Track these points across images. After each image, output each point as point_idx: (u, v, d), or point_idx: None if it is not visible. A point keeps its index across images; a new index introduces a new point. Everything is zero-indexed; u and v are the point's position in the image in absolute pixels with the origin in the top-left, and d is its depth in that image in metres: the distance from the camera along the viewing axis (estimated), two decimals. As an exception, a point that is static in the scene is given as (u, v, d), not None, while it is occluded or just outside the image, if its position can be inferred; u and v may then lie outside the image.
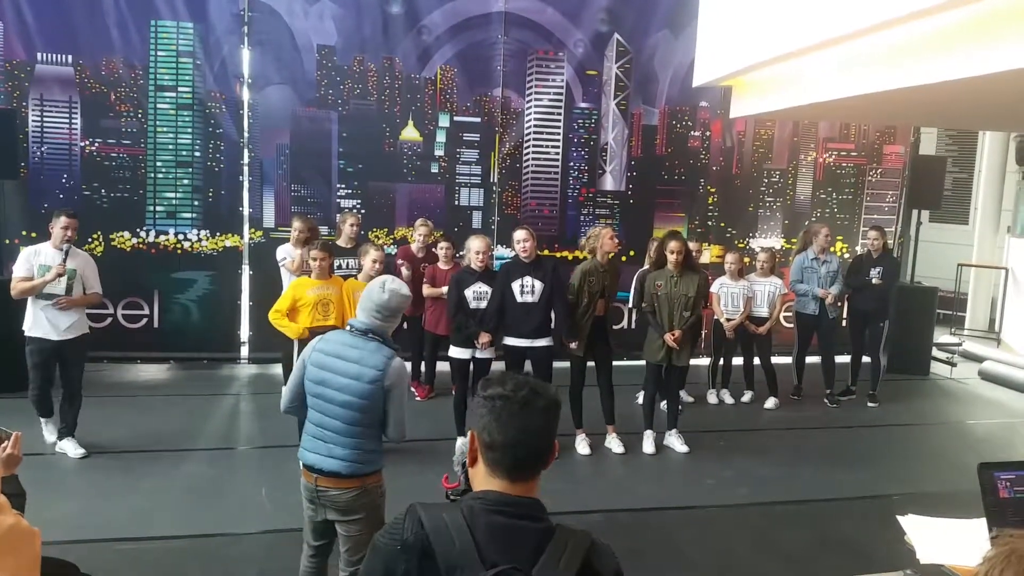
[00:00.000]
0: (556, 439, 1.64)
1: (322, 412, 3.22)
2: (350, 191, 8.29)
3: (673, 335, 6.05)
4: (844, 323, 8.21)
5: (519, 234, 6.03)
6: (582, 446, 6.17)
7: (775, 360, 7.70)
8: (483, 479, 1.62)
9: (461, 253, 6.63)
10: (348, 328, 3.30)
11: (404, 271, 6.96)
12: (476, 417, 1.63)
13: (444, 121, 8.43)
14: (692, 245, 6.99)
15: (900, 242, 9.68)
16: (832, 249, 8.28)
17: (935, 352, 9.52)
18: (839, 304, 7.87)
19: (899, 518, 2.72)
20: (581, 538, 1.58)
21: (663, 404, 6.58)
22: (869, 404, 7.83)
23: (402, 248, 7.56)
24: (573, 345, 6.01)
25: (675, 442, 6.37)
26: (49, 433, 5.75)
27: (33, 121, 7.59)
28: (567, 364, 6.21)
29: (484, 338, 5.85)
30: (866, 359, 7.99)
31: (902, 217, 9.70)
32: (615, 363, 6.36)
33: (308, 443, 3.27)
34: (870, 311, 7.82)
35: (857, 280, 7.78)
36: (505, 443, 1.58)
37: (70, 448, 5.67)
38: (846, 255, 9.08)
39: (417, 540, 1.51)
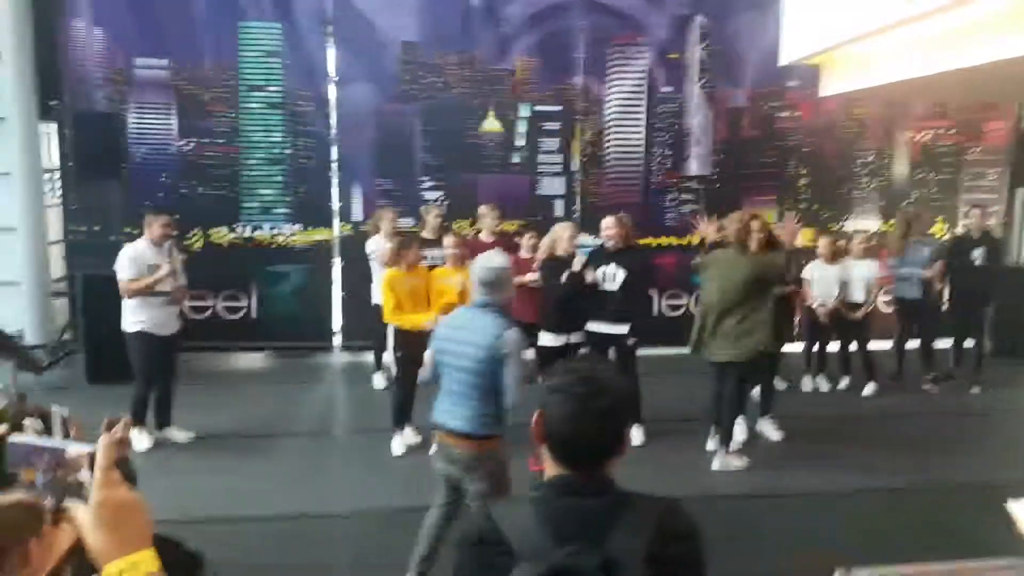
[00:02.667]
0: (624, 432, 1.65)
1: (448, 378, 3.62)
2: (433, 183, 8.39)
3: None
4: (946, 307, 7.87)
5: (606, 221, 6.02)
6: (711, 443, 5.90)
7: (874, 346, 7.45)
8: (550, 464, 1.65)
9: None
10: (476, 307, 3.67)
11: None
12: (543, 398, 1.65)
13: (524, 111, 8.45)
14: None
15: (1004, 222, 9.21)
16: (931, 231, 7.95)
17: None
18: (941, 286, 7.56)
19: (1009, 504, 2.61)
20: (653, 503, 1.59)
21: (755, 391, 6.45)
22: (972, 390, 7.50)
23: (470, 240, 7.34)
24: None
25: (768, 428, 6.24)
26: (139, 441, 5.63)
27: (133, 123, 7.95)
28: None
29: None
30: (969, 343, 7.66)
31: (1006, 196, 9.24)
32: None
33: (439, 403, 3.68)
34: (973, 293, 7.49)
35: (959, 261, 7.45)
36: (560, 436, 1.61)
37: (178, 434, 5.92)
38: (946, 236, 8.69)
39: (488, 533, 1.54)
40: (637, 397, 5.71)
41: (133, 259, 5.58)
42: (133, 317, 5.64)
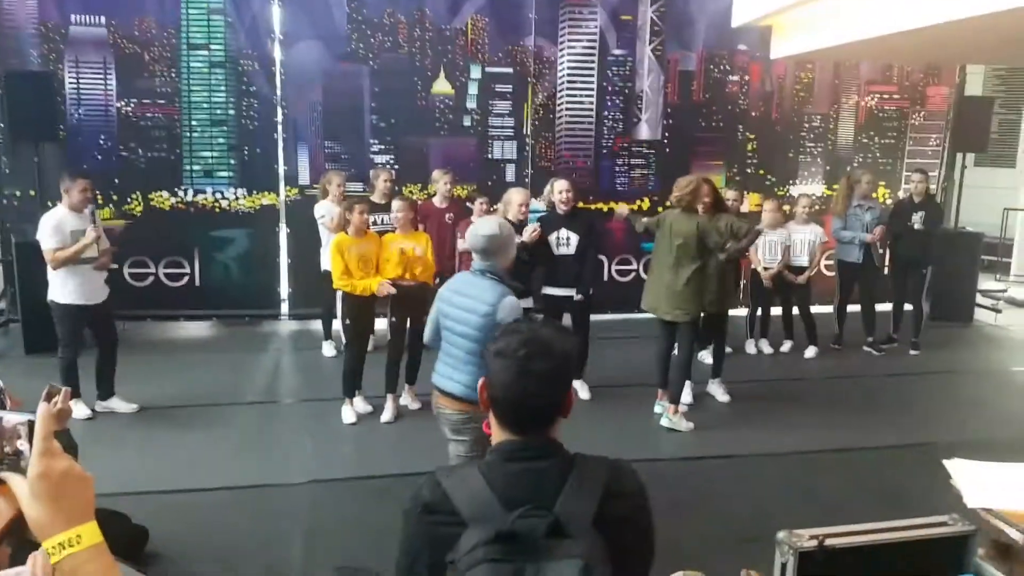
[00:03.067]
0: (569, 390, 1.65)
1: (447, 341, 3.66)
2: (383, 147, 8.26)
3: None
4: (886, 271, 8.06)
5: (560, 184, 6.01)
6: (658, 407, 5.95)
7: (815, 309, 7.61)
8: (496, 427, 1.65)
9: (496, 207, 6.60)
10: (477, 273, 3.65)
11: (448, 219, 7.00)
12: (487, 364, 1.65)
13: (476, 73, 8.33)
14: (731, 194, 6.89)
15: (944, 187, 9.43)
16: (874, 195, 8.10)
17: (979, 299, 9.31)
18: (882, 251, 7.73)
19: (945, 462, 2.69)
20: (600, 464, 1.59)
21: (700, 354, 6.55)
22: (911, 352, 7.72)
23: (423, 204, 7.23)
24: None
25: (717, 391, 6.36)
26: (80, 409, 5.43)
27: (70, 83, 7.64)
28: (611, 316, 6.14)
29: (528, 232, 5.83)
30: (908, 307, 7.87)
31: (946, 161, 9.45)
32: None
33: (437, 366, 3.72)
34: (912, 258, 7.67)
35: (899, 225, 7.62)
36: (506, 399, 1.60)
37: (120, 405, 5.79)
38: (888, 201, 8.87)
39: (437, 500, 1.53)
40: (584, 354, 5.92)
41: (56, 227, 5.38)
42: (62, 287, 5.46)
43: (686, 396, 6.04)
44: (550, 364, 1.59)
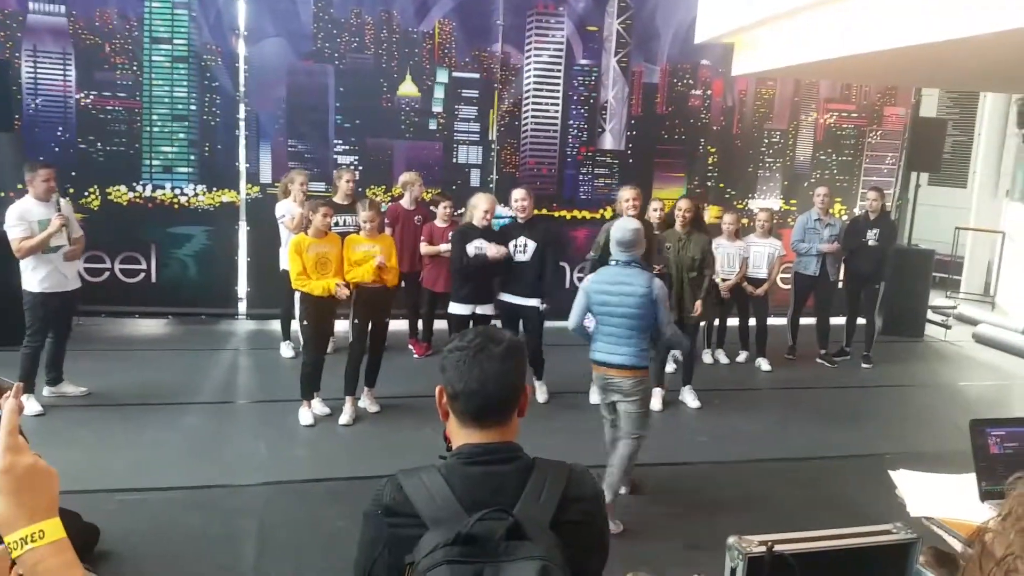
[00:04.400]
0: (524, 383, 1.68)
1: (609, 324, 4.41)
2: (347, 147, 8.22)
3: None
4: (840, 285, 8.23)
5: (517, 193, 6.07)
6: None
7: (771, 321, 7.74)
8: (456, 433, 1.67)
9: (460, 211, 6.61)
10: (614, 263, 4.48)
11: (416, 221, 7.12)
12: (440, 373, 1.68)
13: (442, 77, 8.34)
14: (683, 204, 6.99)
15: (898, 204, 9.67)
16: (831, 211, 8.27)
17: (930, 315, 9.56)
18: (838, 265, 7.90)
19: (890, 472, 2.76)
20: (559, 468, 1.62)
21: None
22: (863, 365, 7.89)
23: (391, 206, 7.47)
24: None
25: (688, 398, 6.47)
26: (29, 407, 5.31)
27: (27, 73, 7.48)
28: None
29: (494, 250, 5.87)
30: (861, 320, 8.04)
31: (901, 179, 9.69)
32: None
33: (600, 346, 4.46)
34: (866, 273, 7.85)
35: (854, 241, 7.79)
36: (465, 391, 1.62)
37: (70, 388, 5.83)
38: (844, 217, 9.07)
39: (397, 503, 1.54)
40: (539, 357, 6.14)
41: (20, 216, 5.38)
42: (33, 276, 5.47)
43: (655, 403, 6.10)
44: (502, 347, 1.63)
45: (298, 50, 8.00)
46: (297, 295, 5.73)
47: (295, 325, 6.87)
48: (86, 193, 7.64)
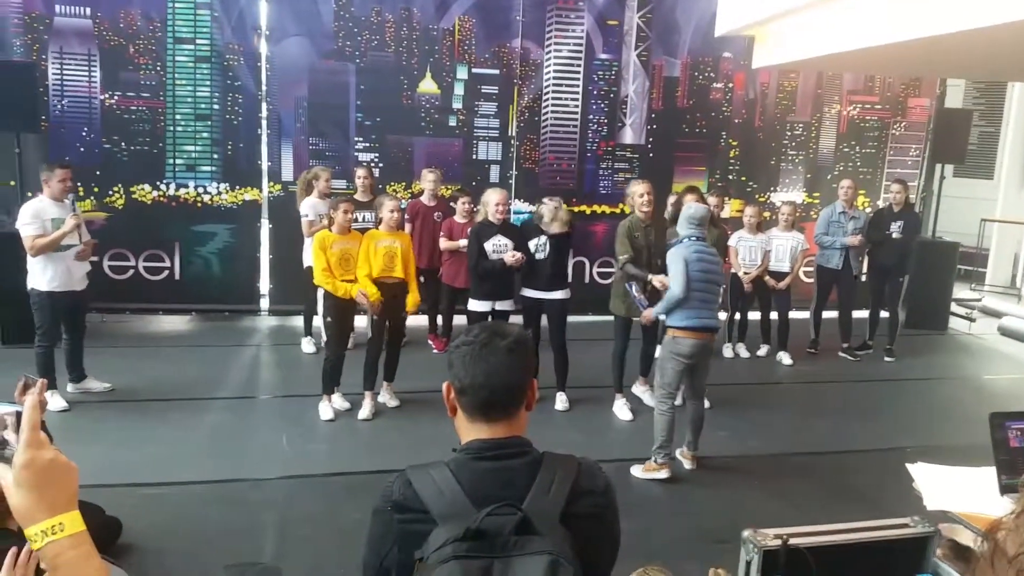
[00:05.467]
0: (532, 377, 1.68)
1: (704, 291, 4.85)
2: (368, 144, 8.27)
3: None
4: (864, 278, 8.16)
5: (549, 208, 5.97)
6: (623, 411, 6.03)
7: (792, 315, 7.68)
8: (465, 428, 1.67)
9: (477, 207, 6.62)
10: (691, 238, 4.88)
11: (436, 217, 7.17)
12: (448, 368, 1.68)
13: (462, 73, 8.36)
14: (712, 200, 6.94)
15: (923, 197, 9.56)
16: (855, 203, 8.20)
17: (954, 307, 9.44)
18: (862, 258, 7.83)
19: (908, 466, 2.74)
20: (568, 462, 1.62)
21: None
22: (886, 359, 7.81)
23: (411, 202, 7.51)
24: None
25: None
26: (54, 403, 5.39)
27: (53, 75, 7.60)
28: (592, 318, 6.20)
29: (510, 258, 5.82)
30: (884, 314, 7.97)
31: (925, 171, 9.57)
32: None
33: (700, 313, 4.82)
34: (890, 266, 7.77)
35: (877, 234, 7.71)
36: (472, 385, 1.62)
37: (95, 384, 5.90)
38: (868, 209, 8.98)
39: (407, 499, 1.55)
40: (563, 357, 6.07)
41: (35, 214, 5.43)
42: (42, 275, 5.51)
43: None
44: (508, 341, 1.63)
45: (319, 49, 8.05)
46: (320, 292, 5.77)
47: (317, 321, 6.94)
48: (111, 192, 7.75)
